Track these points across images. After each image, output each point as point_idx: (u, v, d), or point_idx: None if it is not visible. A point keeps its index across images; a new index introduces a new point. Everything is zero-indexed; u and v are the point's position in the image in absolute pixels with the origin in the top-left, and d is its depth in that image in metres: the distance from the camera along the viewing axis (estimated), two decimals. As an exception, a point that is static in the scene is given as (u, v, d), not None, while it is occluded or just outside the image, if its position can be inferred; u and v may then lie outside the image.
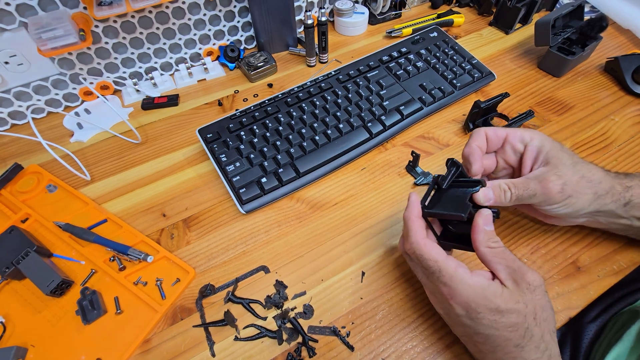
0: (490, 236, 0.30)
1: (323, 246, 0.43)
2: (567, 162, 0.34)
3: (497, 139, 0.37)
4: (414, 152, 0.46)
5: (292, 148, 0.49)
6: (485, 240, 0.30)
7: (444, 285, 0.30)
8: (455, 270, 0.29)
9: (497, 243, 0.30)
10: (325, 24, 0.60)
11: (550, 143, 0.35)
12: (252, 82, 0.63)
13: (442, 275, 0.30)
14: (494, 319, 0.28)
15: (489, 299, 0.28)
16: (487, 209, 0.31)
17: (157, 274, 0.41)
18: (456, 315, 0.30)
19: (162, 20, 0.58)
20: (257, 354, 0.36)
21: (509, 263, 0.29)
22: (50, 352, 0.37)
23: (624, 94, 0.57)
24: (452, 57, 0.60)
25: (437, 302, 0.33)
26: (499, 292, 0.28)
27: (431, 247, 0.31)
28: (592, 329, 0.46)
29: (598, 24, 0.56)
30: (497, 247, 0.30)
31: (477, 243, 0.30)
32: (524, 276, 0.28)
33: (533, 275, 0.28)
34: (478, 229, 0.30)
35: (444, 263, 0.30)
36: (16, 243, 0.42)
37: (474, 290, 0.28)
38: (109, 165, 0.52)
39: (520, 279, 0.28)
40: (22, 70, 0.53)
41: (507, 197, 0.33)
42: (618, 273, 0.39)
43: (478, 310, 0.28)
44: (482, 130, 0.37)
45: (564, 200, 0.33)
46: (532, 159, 0.36)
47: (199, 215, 0.46)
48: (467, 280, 0.29)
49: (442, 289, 0.30)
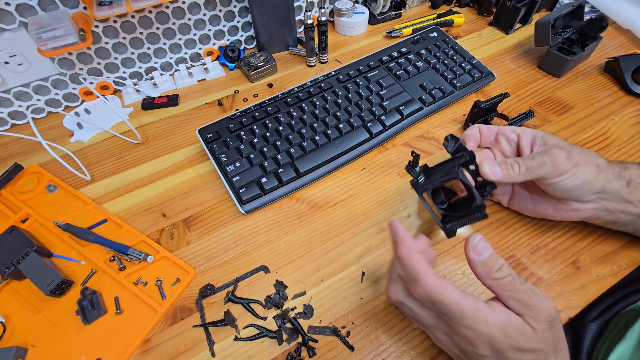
0: (491, 265, 0.27)
1: (323, 246, 0.43)
2: (563, 142, 0.36)
3: (489, 132, 0.39)
4: (413, 152, 0.46)
5: (292, 148, 0.49)
6: (486, 271, 0.27)
7: (466, 329, 0.27)
8: (477, 310, 0.27)
9: (501, 272, 0.27)
10: (325, 24, 0.60)
11: (542, 132, 0.37)
12: (252, 82, 0.63)
13: (465, 318, 0.27)
14: (518, 357, 0.27)
15: (511, 338, 0.26)
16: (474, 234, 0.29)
17: (157, 274, 0.41)
18: (480, 356, 0.28)
19: (162, 20, 0.58)
20: (257, 354, 0.36)
21: (521, 297, 0.27)
22: (50, 352, 0.37)
23: (624, 94, 0.57)
24: (452, 57, 0.60)
25: (453, 345, 0.30)
26: (521, 329, 0.26)
27: (447, 287, 0.27)
28: (593, 328, 0.46)
29: (598, 24, 0.56)
30: (503, 277, 0.27)
31: (479, 277, 0.28)
32: (540, 312, 0.26)
33: (549, 309, 0.27)
34: (473, 262, 0.28)
35: (466, 304, 0.27)
36: (16, 243, 0.42)
37: (497, 329, 0.26)
38: (109, 165, 0.52)
39: (537, 315, 0.26)
40: (22, 70, 0.53)
41: (516, 169, 0.33)
42: (618, 273, 0.39)
43: (502, 349, 0.27)
44: (475, 126, 0.39)
45: (572, 168, 0.33)
46: (529, 144, 0.36)
47: (199, 215, 0.46)
48: (489, 320, 0.26)
49: (465, 332, 0.27)
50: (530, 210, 0.40)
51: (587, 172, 0.34)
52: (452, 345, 0.30)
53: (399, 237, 0.30)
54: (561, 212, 0.37)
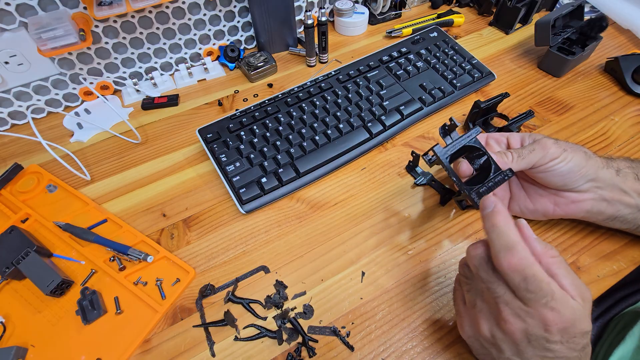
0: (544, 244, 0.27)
1: (323, 246, 0.43)
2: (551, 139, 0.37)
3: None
4: (414, 152, 0.46)
5: (292, 148, 0.49)
6: (545, 250, 0.27)
7: (550, 311, 0.25)
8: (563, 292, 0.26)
9: (554, 251, 0.27)
10: (325, 24, 0.60)
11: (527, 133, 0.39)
12: (252, 82, 0.63)
13: (553, 299, 0.25)
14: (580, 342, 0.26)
15: (579, 321, 0.26)
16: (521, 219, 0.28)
17: (157, 274, 0.41)
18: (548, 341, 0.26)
19: (162, 20, 0.58)
20: (257, 354, 0.36)
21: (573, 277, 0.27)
22: (50, 352, 0.37)
23: (624, 94, 0.57)
24: (452, 57, 0.60)
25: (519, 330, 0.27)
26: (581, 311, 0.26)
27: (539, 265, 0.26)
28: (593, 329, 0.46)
29: (598, 24, 0.56)
30: (557, 256, 0.27)
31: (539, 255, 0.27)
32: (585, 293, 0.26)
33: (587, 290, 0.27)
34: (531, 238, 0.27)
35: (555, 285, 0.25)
36: (16, 243, 0.42)
37: (573, 315, 0.25)
38: (109, 165, 0.52)
39: (586, 296, 0.26)
40: (22, 70, 0.53)
41: (509, 157, 0.35)
42: (618, 273, 0.39)
43: (575, 333, 0.26)
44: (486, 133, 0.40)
45: (562, 153, 0.35)
46: (518, 142, 0.38)
47: (199, 215, 0.46)
48: (570, 303, 0.25)
49: (547, 315, 0.25)
50: (530, 210, 0.40)
51: (577, 157, 0.35)
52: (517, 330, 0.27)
53: (498, 207, 0.28)
54: (561, 206, 0.38)
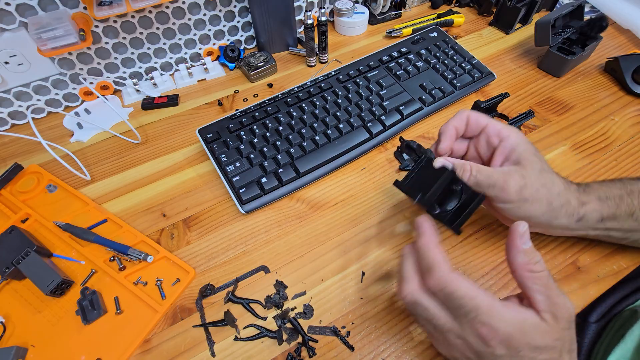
0: (531, 256, 0.27)
1: (323, 246, 0.43)
2: (536, 167, 0.33)
3: (476, 126, 0.36)
4: (401, 138, 0.47)
5: (292, 148, 0.49)
6: (526, 262, 0.27)
7: (483, 326, 0.26)
8: (492, 305, 0.26)
9: (539, 265, 0.26)
10: (325, 24, 0.60)
11: (525, 144, 0.34)
12: (252, 82, 0.63)
13: (480, 313, 0.26)
14: (533, 356, 0.26)
15: (529, 335, 0.26)
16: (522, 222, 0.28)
17: (157, 274, 0.41)
18: (495, 356, 0.27)
19: (162, 20, 0.58)
20: (257, 354, 0.36)
21: (551, 293, 0.26)
22: (50, 352, 0.37)
23: (624, 94, 0.57)
24: (452, 57, 0.60)
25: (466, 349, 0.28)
26: (536, 325, 0.26)
27: (462, 280, 0.27)
28: (593, 329, 0.46)
29: (598, 24, 0.56)
30: (541, 270, 0.26)
31: (515, 265, 0.27)
32: (562, 311, 0.26)
33: (570, 309, 0.26)
34: (516, 249, 0.27)
35: (481, 299, 0.26)
36: (16, 243, 0.42)
37: (514, 327, 0.26)
38: (109, 165, 0.52)
39: (560, 314, 0.26)
40: (22, 70, 0.53)
41: (466, 176, 0.33)
42: (618, 273, 0.39)
43: (519, 347, 0.26)
44: (465, 112, 0.37)
45: (519, 202, 0.32)
46: (503, 155, 0.35)
47: (199, 215, 0.46)
48: (505, 316, 0.26)
49: (481, 330, 0.26)
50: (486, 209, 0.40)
51: (534, 209, 0.33)
52: (466, 349, 0.28)
53: (423, 229, 0.30)
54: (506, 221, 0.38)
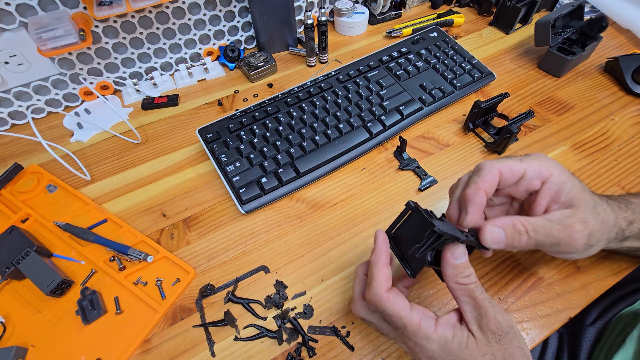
0: (460, 270, 0.28)
1: (323, 246, 0.43)
2: (589, 204, 0.29)
3: (512, 177, 0.30)
4: (401, 137, 0.47)
5: (292, 148, 0.49)
6: (454, 275, 0.28)
7: (409, 340, 0.28)
8: (419, 325, 0.28)
9: (467, 279, 0.28)
10: (325, 24, 0.60)
11: (571, 180, 0.30)
12: (252, 82, 0.63)
13: (407, 331, 0.28)
14: None
15: (454, 354, 0.27)
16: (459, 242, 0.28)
17: (157, 274, 0.41)
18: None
19: (162, 20, 0.58)
20: (257, 354, 0.36)
21: (477, 304, 0.27)
22: (50, 352, 0.37)
23: (624, 94, 0.57)
24: (452, 57, 0.60)
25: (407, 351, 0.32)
26: (464, 343, 0.27)
27: (395, 301, 0.28)
28: (592, 332, 0.46)
29: (598, 24, 0.56)
30: (468, 283, 0.28)
31: (445, 277, 0.28)
32: (489, 324, 0.27)
33: (499, 322, 0.27)
34: (447, 262, 0.28)
35: (408, 319, 0.28)
36: (16, 243, 0.42)
37: (438, 346, 0.27)
38: (109, 165, 0.52)
39: (485, 326, 0.27)
40: (22, 70, 0.53)
41: (524, 240, 0.28)
42: (618, 273, 0.39)
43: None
44: (495, 167, 0.30)
45: (584, 251, 0.30)
46: (550, 197, 0.30)
47: (199, 215, 0.46)
48: (431, 336, 0.27)
49: (408, 344, 0.29)
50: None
51: (596, 249, 0.31)
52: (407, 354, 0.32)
53: (376, 244, 0.31)
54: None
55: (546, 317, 0.36)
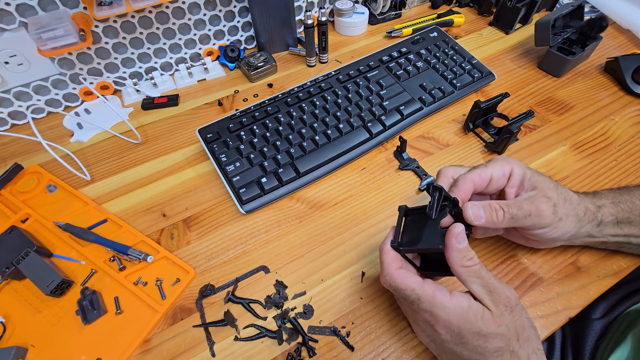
0: (464, 254, 0.29)
1: (323, 246, 0.43)
2: (551, 186, 0.34)
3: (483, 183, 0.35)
4: (401, 137, 0.47)
5: (292, 148, 0.49)
6: (460, 258, 0.29)
7: (425, 312, 0.29)
8: (434, 295, 0.29)
9: (471, 261, 0.29)
10: (325, 24, 0.60)
11: (530, 170, 0.35)
12: (252, 82, 0.63)
13: (422, 302, 0.29)
14: (478, 344, 0.28)
15: (470, 322, 0.28)
16: (459, 223, 0.30)
17: (157, 274, 0.41)
18: (442, 341, 0.30)
19: (162, 20, 0.58)
20: (257, 354, 0.36)
21: (485, 282, 0.29)
22: (50, 352, 0.37)
23: (624, 94, 0.57)
24: (452, 57, 0.60)
25: (421, 331, 0.33)
26: (480, 314, 0.28)
27: (405, 276, 0.30)
28: (597, 327, 0.46)
29: (598, 24, 0.56)
30: (472, 265, 0.29)
31: (451, 262, 0.29)
32: (500, 298, 0.28)
33: (508, 297, 0.28)
34: (451, 247, 0.29)
35: (422, 290, 0.29)
36: (16, 243, 0.42)
37: (455, 314, 0.28)
38: (109, 165, 0.52)
39: (497, 300, 0.28)
40: (22, 70, 0.53)
41: (500, 216, 0.32)
42: (618, 273, 0.39)
43: (462, 334, 0.28)
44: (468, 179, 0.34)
45: (556, 222, 0.33)
46: (516, 186, 0.35)
47: (199, 215, 0.46)
48: (447, 304, 0.28)
49: (425, 316, 0.30)
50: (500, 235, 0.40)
51: (568, 225, 0.34)
52: (422, 333, 0.33)
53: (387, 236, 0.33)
54: (530, 244, 0.39)
55: (546, 317, 0.36)
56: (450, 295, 0.29)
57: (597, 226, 0.35)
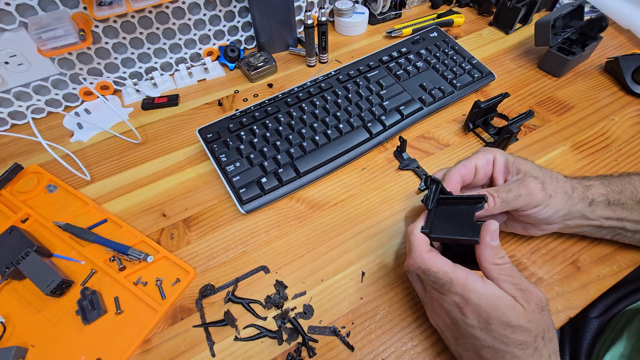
0: (497, 252, 0.29)
1: (323, 246, 0.43)
2: (534, 167, 0.36)
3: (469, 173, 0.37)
4: (401, 137, 0.47)
5: (292, 148, 0.49)
6: (492, 256, 0.29)
7: (455, 295, 0.29)
8: (467, 278, 0.29)
9: (503, 259, 0.29)
10: (325, 24, 0.60)
11: (511, 155, 0.37)
12: (252, 82, 0.63)
13: (454, 285, 0.29)
14: (504, 334, 0.28)
15: (501, 311, 0.27)
16: (494, 221, 0.30)
17: (157, 274, 0.41)
18: (468, 325, 0.29)
19: (162, 20, 0.58)
20: (257, 354, 0.36)
21: (516, 281, 0.29)
22: (50, 352, 0.37)
23: (624, 94, 0.57)
24: (452, 57, 0.60)
25: (444, 315, 0.32)
26: (512, 305, 0.28)
27: (437, 259, 0.30)
28: (594, 325, 0.46)
29: (598, 24, 0.56)
30: (504, 263, 0.29)
31: (482, 259, 0.29)
32: (532, 296, 0.28)
33: (539, 297, 0.29)
34: (485, 244, 0.29)
35: (454, 273, 0.29)
36: (16, 243, 0.42)
37: (486, 299, 0.28)
38: (109, 165, 0.52)
39: (529, 298, 0.28)
40: (22, 70, 0.53)
41: (491, 202, 0.33)
42: (618, 273, 0.39)
43: (490, 321, 0.28)
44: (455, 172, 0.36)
45: (547, 199, 0.34)
46: (502, 172, 0.37)
47: (199, 215, 0.46)
48: (479, 289, 0.28)
49: (454, 299, 0.29)
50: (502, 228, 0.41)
51: (559, 201, 0.35)
52: (443, 317, 0.32)
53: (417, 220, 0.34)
54: (529, 231, 0.39)
55: (546, 317, 0.36)
56: (483, 281, 0.29)
57: (589, 205, 0.36)
